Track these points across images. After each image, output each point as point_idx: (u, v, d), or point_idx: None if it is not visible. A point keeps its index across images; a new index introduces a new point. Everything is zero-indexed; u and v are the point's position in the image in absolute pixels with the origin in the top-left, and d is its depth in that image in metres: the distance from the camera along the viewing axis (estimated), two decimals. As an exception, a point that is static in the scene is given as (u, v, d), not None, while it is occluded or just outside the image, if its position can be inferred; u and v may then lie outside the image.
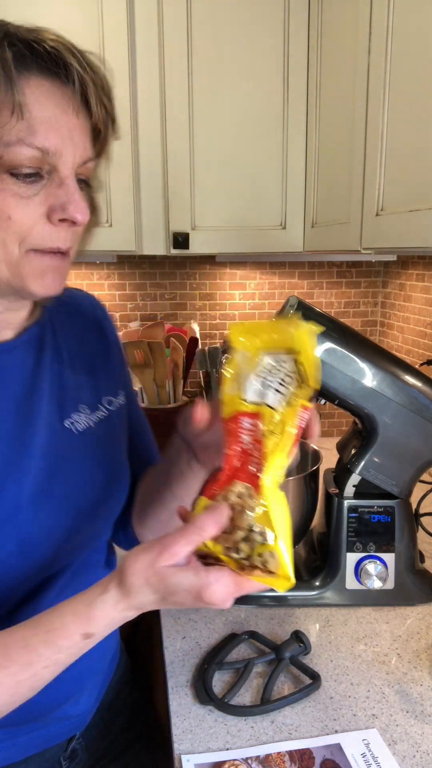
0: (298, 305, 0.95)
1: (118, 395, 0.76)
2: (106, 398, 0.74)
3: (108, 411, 0.74)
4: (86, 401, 0.71)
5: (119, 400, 0.76)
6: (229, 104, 1.36)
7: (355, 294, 1.86)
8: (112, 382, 0.76)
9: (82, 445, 0.69)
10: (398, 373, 0.95)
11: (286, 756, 0.71)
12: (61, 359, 0.70)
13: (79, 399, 0.70)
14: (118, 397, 0.76)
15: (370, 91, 1.03)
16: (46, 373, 0.67)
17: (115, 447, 0.75)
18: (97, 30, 1.28)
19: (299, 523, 1.03)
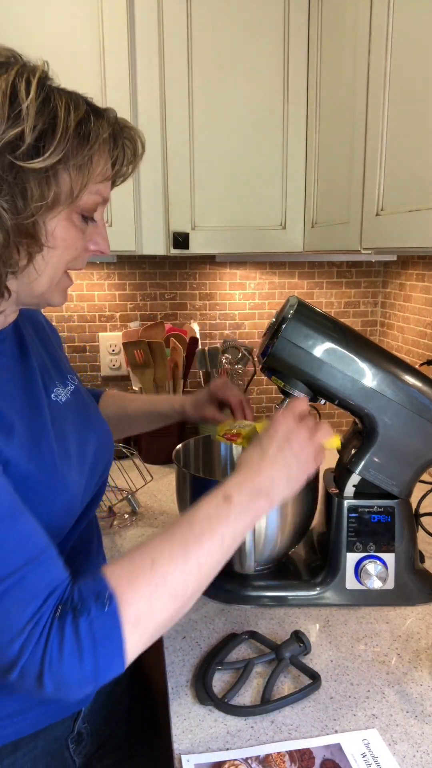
0: (298, 305, 0.95)
1: (73, 374, 0.89)
2: (68, 375, 0.86)
3: (74, 385, 0.85)
4: (58, 379, 0.82)
5: (75, 378, 0.89)
6: (229, 104, 1.36)
7: (355, 294, 1.87)
8: (66, 364, 0.90)
9: (70, 413, 0.80)
10: (398, 373, 0.95)
11: (286, 756, 0.71)
12: (34, 345, 0.81)
13: (52, 377, 0.81)
14: (74, 376, 0.89)
15: (370, 91, 1.03)
16: (31, 357, 0.77)
17: (92, 411, 0.88)
18: (97, 30, 1.28)
19: (299, 523, 1.03)
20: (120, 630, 0.57)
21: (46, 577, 0.58)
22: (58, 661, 0.55)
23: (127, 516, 1.34)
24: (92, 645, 0.56)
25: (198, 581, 0.63)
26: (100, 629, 0.56)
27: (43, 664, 0.55)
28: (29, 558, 0.57)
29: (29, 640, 0.55)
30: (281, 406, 1.01)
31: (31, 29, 1.25)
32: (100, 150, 0.66)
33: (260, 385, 1.89)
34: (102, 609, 0.56)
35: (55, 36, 1.27)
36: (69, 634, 0.55)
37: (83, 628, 0.55)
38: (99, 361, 1.81)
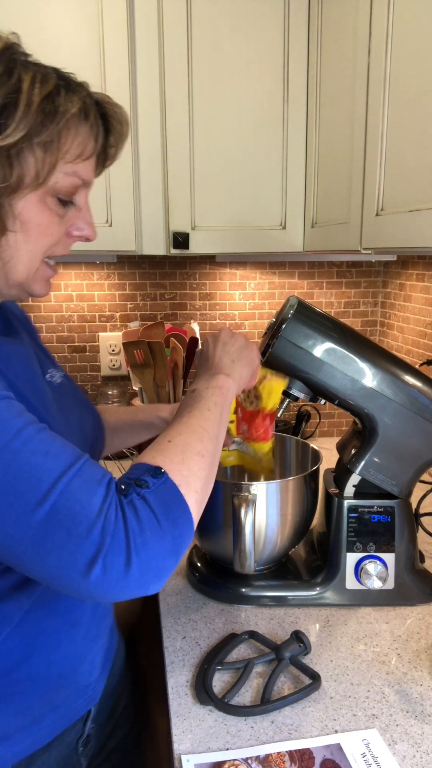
0: (298, 305, 0.95)
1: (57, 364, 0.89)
2: (56, 364, 0.85)
3: (62, 372, 0.84)
4: (49, 363, 0.82)
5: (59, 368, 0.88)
6: (229, 104, 1.36)
7: (355, 294, 1.86)
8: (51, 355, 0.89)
9: (65, 395, 0.80)
10: (398, 373, 0.95)
11: (286, 756, 0.71)
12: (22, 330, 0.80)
13: (44, 362, 0.80)
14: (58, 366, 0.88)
15: (370, 91, 1.03)
16: (22, 337, 0.77)
17: (83, 396, 0.89)
18: (97, 30, 1.28)
19: (299, 523, 1.03)
20: (179, 491, 0.60)
21: (99, 469, 0.60)
22: (140, 533, 0.55)
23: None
24: (164, 510, 0.58)
25: (210, 441, 0.68)
26: (165, 494, 0.59)
27: (128, 541, 0.54)
28: (78, 454, 0.59)
29: (108, 521, 0.54)
30: (281, 407, 1.01)
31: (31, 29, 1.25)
32: (69, 126, 0.62)
33: (260, 385, 1.88)
34: (158, 479, 0.59)
35: (55, 36, 1.27)
36: (143, 509, 0.57)
37: (152, 500, 0.58)
38: (99, 361, 1.81)
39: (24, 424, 0.57)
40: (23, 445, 0.55)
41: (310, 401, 1.00)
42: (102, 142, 0.68)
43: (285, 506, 1.00)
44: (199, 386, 0.76)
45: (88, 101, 0.64)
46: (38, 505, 0.53)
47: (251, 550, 0.92)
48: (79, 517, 0.54)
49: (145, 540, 0.55)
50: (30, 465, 0.55)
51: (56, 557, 0.54)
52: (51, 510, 0.53)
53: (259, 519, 0.97)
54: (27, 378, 0.70)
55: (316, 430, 1.90)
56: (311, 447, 1.13)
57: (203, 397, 0.74)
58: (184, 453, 0.64)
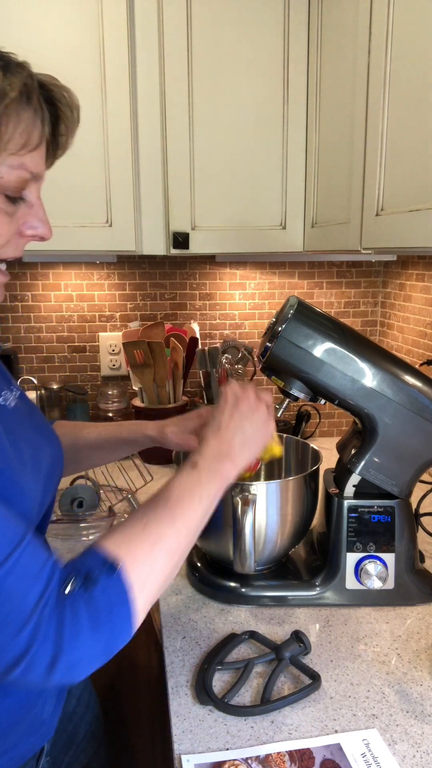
0: (298, 305, 0.95)
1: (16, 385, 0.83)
2: (12, 383, 0.79)
3: (20, 392, 0.79)
4: (4, 384, 0.76)
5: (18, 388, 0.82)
6: (229, 104, 1.36)
7: (355, 294, 1.86)
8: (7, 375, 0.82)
9: (20, 419, 0.73)
10: (398, 373, 0.95)
11: (286, 756, 0.71)
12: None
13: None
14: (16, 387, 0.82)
15: (370, 91, 1.03)
16: None
17: (41, 419, 0.82)
18: (97, 30, 1.28)
19: (299, 523, 1.03)
20: (129, 594, 0.56)
21: (40, 556, 0.55)
22: (74, 638, 0.52)
23: (126, 516, 1.34)
24: (108, 614, 0.54)
25: (187, 538, 0.64)
26: (113, 596, 0.54)
27: (58, 647, 0.51)
28: (17, 541, 0.54)
29: (40, 625, 0.51)
30: (281, 407, 1.01)
31: (31, 29, 1.25)
32: (9, 113, 0.56)
33: (260, 385, 1.89)
34: (110, 577, 0.55)
35: (55, 36, 1.27)
36: (83, 609, 0.53)
37: (98, 599, 0.54)
38: (99, 361, 1.81)
39: None
40: None
41: (310, 401, 1.00)
42: (50, 129, 0.62)
43: (285, 506, 1.00)
44: (201, 464, 0.71)
45: (30, 83, 0.58)
46: None
47: (251, 550, 0.92)
48: (10, 616, 0.50)
49: (76, 645, 0.52)
50: None
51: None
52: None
53: (259, 519, 0.97)
54: None
55: (316, 430, 1.90)
56: (311, 447, 1.13)
57: (201, 481, 0.69)
58: (153, 548, 0.60)
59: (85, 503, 1.28)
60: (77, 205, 1.34)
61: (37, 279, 1.72)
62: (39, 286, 1.73)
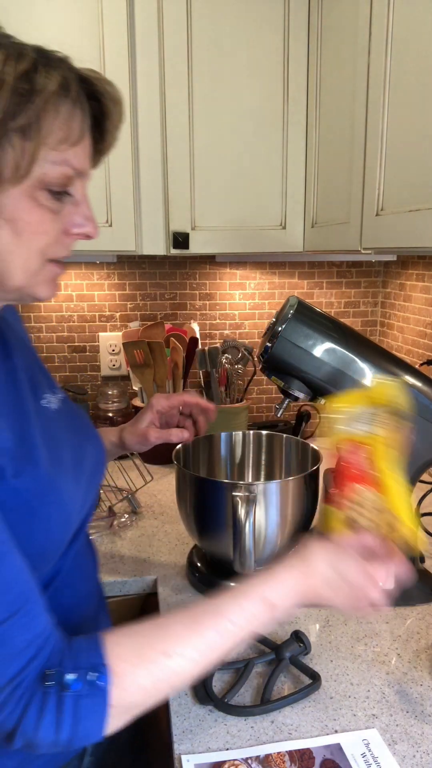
0: (298, 305, 0.95)
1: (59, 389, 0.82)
2: (55, 386, 0.78)
3: (63, 394, 0.78)
4: (47, 385, 0.75)
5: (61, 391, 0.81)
6: (229, 104, 1.36)
7: (355, 294, 1.86)
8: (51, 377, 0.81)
9: (62, 421, 0.73)
10: (398, 373, 0.95)
11: (286, 756, 0.71)
12: (18, 348, 0.74)
13: (41, 382, 0.74)
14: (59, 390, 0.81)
15: (370, 91, 1.03)
16: (14, 358, 0.71)
17: (86, 421, 0.81)
18: (97, 30, 1.28)
19: (299, 523, 1.02)
20: (105, 713, 0.52)
21: (31, 631, 0.53)
22: (34, 728, 0.51)
23: (127, 516, 1.34)
24: (73, 722, 0.52)
25: (202, 671, 0.59)
26: (85, 709, 0.52)
27: (17, 727, 0.51)
28: (13, 610, 0.52)
29: (8, 702, 0.51)
30: (281, 407, 1.01)
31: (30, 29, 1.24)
32: (50, 107, 0.55)
33: (260, 385, 1.89)
34: (92, 688, 0.52)
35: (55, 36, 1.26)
36: (51, 707, 0.51)
37: (67, 705, 0.51)
38: (99, 361, 1.81)
39: None
40: None
41: (310, 401, 1.00)
42: (90, 123, 0.61)
43: (285, 506, 1.00)
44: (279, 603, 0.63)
45: (69, 76, 0.57)
46: None
47: (251, 549, 0.92)
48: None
49: (36, 735, 0.51)
50: None
51: None
52: None
53: (259, 519, 0.97)
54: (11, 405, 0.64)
55: (316, 430, 1.90)
56: (311, 447, 1.13)
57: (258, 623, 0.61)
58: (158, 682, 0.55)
59: (85, 503, 1.28)
60: (77, 205, 1.33)
61: (37, 279, 1.72)
62: (39, 286, 1.73)
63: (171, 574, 1.10)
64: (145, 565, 1.13)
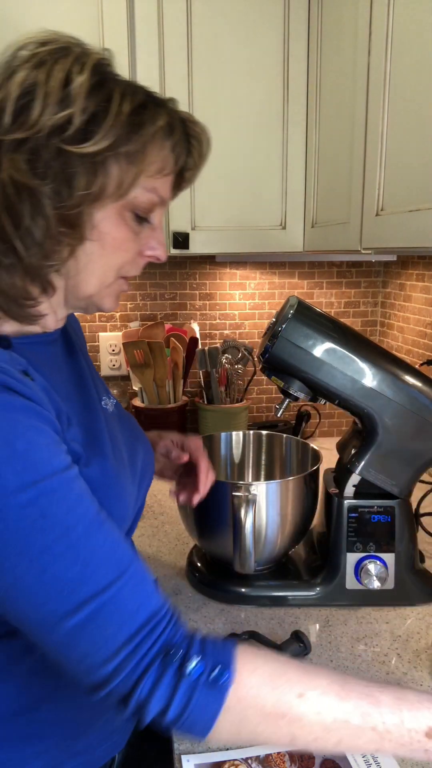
0: (298, 305, 0.95)
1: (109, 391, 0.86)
2: (108, 391, 0.82)
3: (115, 399, 0.82)
4: (102, 390, 0.79)
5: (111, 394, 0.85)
6: (229, 104, 1.36)
7: (355, 294, 1.87)
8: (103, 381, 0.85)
9: (118, 423, 0.77)
10: (398, 373, 0.95)
11: (286, 756, 0.71)
12: (82, 354, 0.79)
13: (99, 385, 0.78)
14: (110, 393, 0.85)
15: (370, 91, 1.03)
16: (81, 360, 0.76)
17: (136, 424, 0.85)
18: (97, 30, 1.28)
19: (299, 523, 1.03)
20: (218, 713, 0.53)
21: (140, 593, 0.56)
22: (148, 695, 0.52)
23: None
24: (183, 707, 0.52)
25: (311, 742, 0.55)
26: (198, 699, 0.52)
27: (134, 690, 0.52)
28: (121, 570, 0.55)
29: (124, 665, 0.52)
30: (281, 407, 1.01)
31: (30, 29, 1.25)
32: (154, 140, 0.62)
33: (260, 385, 1.89)
34: (212, 682, 0.53)
35: (55, 36, 1.27)
36: (166, 682, 0.52)
37: (182, 688, 0.52)
38: (99, 361, 1.81)
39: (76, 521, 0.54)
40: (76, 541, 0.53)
41: (310, 401, 1.00)
42: (184, 160, 0.68)
43: (285, 506, 1.00)
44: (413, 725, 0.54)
45: (175, 117, 0.65)
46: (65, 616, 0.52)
47: (251, 550, 0.92)
48: (97, 648, 0.52)
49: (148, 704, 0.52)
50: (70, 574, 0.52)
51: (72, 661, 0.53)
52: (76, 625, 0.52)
53: (259, 519, 0.97)
54: (82, 403, 0.69)
55: (316, 430, 1.90)
56: (311, 447, 1.13)
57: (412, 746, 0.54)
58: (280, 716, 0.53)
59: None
60: (77, 205, 1.33)
61: (37, 279, 1.72)
62: (39, 286, 1.73)
63: (171, 574, 1.10)
64: (145, 565, 1.13)
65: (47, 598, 0.52)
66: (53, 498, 0.53)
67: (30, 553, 0.51)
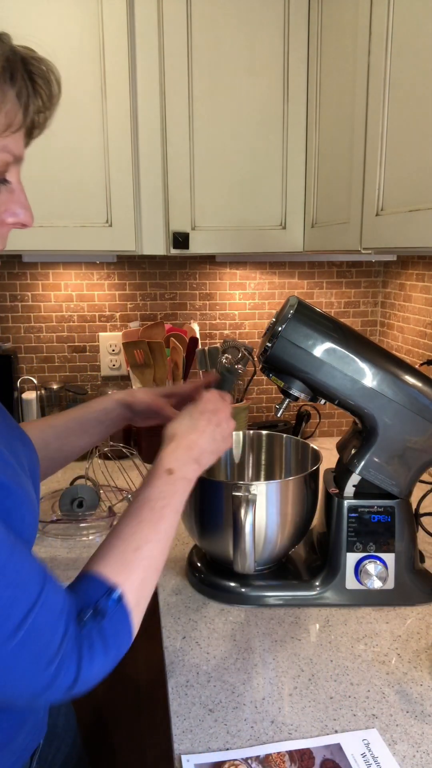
0: (298, 305, 0.95)
1: None
2: None
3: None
4: None
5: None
6: (229, 104, 1.36)
7: (355, 294, 1.86)
8: None
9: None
10: (398, 373, 0.95)
11: (286, 756, 0.71)
12: None
13: None
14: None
15: (370, 91, 1.03)
16: None
17: (12, 419, 0.78)
18: (98, 31, 1.28)
19: (299, 523, 1.03)
20: (130, 616, 0.60)
21: (59, 593, 0.58)
22: (89, 666, 0.56)
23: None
24: (115, 640, 0.58)
25: (167, 549, 0.68)
26: (118, 623, 0.59)
27: (78, 674, 0.55)
28: (43, 580, 0.56)
29: (64, 658, 0.55)
30: (281, 407, 1.01)
31: (30, 29, 1.25)
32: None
33: (260, 385, 1.89)
34: (115, 606, 0.59)
35: (55, 36, 1.27)
36: (96, 638, 0.57)
37: (107, 629, 0.58)
38: (99, 361, 1.81)
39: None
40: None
41: (310, 401, 1.00)
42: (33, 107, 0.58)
43: (285, 506, 1.00)
44: (177, 470, 0.73)
45: (13, 58, 0.54)
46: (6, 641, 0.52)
47: (251, 550, 0.92)
48: (41, 653, 0.54)
49: (92, 668, 0.56)
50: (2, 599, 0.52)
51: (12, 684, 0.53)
52: (18, 644, 0.52)
53: (259, 519, 0.97)
54: None
55: (316, 430, 1.90)
56: (311, 447, 1.13)
57: (178, 491, 0.71)
58: (146, 571, 0.63)
59: (85, 503, 1.28)
60: (77, 205, 1.34)
61: (37, 279, 1.72)
62: (39, 286, 1.73)
63: (171, 574, 1.10)
64: (145, 565, 1.13)
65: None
66: None
67: None
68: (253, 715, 0.77)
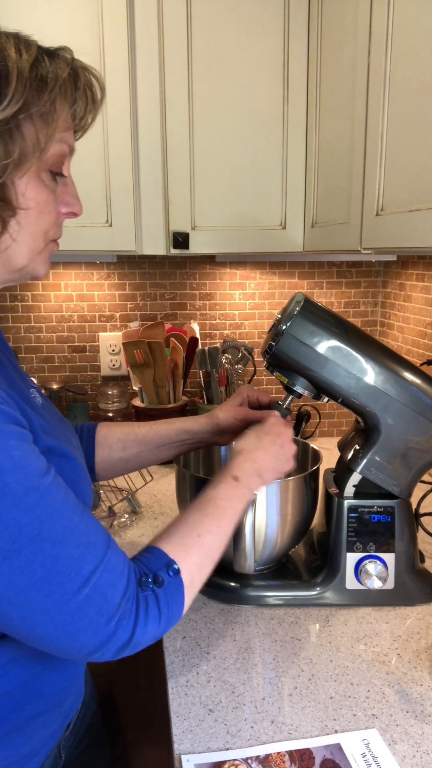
0: (305, 302, 0.95)
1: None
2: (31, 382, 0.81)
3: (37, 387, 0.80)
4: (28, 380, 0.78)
5: None
6: (229, 104, 1.36)
7: (355, 294, 1.86)
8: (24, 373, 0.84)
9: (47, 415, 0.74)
10: (402, 372, 0.95)
11: (286, 756, 0.71)
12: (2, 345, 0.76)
13: (25, 377, 0.77)
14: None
15: (370, 91, 1.03)
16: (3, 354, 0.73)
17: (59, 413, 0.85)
18: (97, 30, 1.28)
19: (299, 523, 1.03)
20: (184, 590, 0.66)
21: (121, 555, 0.63)
22: (144, 628, 0.61)
23: (127, 516, 1.34)
24: (168, 609, 0.63)
25: (224, 545, 0.73)
26: (173, 594, 0.64)
27: (133, 634, 0.60)
28: (108, 542, 0.61)
29: (123, 615, 0.59)
30: (285, 402, 1.01)
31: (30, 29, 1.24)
32: (61, 93, 0.60)
33: (260, 385, 1.89)
34: (173, 579, 0.65)
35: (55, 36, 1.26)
36: (152, 603, 0.62)
37: (162, 597, 0.63)
38: (99, 361, 1.81)
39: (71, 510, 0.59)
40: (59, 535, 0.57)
41: (313, 399, 1.00)
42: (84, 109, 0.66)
43: (285, 506, 1.00)
44: (242, 479, 0.79)
45: (75, 67, 0.63)
46: (73, 596, 0.57)
47: (251, 550, 0.92)
48: (104, 608, 0.58)
49: (145, 632, 0.61)
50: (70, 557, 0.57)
51: (75, 636, 0.58)
52: (83, 599, 0.57)
53: (259, 519, 0.97)
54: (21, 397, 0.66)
55: (316, 430, 1.90)
56: (311, 447, 1.13)
57: (240, 496, 0.77)
58: (206, 558, 0.69)
59: (85, 503, 1.28)
60: (77, 205, 1.33)
61: (37, 279, 1.72)
62: (39, 286, 1.73)
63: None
64: (145, 565, 1.13)
65: (57, 583, 0.56)
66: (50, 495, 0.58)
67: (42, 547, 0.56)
68: (253, 715, 0.77)
